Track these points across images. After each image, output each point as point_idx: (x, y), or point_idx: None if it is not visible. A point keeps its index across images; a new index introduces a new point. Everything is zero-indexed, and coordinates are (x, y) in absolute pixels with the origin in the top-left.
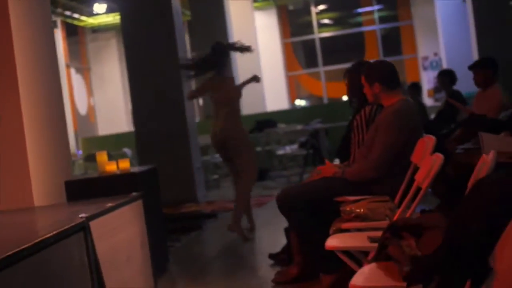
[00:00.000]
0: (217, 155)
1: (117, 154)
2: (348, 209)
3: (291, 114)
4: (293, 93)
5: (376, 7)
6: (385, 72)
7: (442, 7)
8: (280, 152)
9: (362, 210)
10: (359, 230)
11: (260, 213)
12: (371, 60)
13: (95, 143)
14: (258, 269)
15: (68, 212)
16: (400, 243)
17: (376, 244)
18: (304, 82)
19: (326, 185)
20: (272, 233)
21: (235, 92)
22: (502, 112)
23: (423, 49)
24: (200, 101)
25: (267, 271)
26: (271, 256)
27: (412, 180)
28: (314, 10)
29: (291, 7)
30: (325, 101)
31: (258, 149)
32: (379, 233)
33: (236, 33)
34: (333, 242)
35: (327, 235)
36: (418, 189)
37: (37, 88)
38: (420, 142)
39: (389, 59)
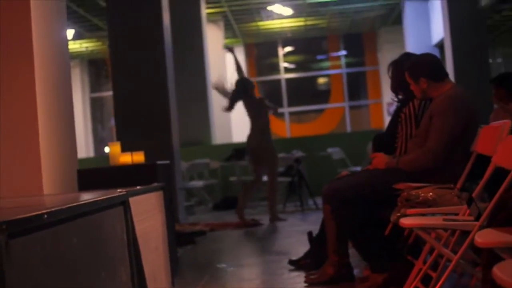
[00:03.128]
0: (192, 182)
1: None
2: (414, 193)
3: None
4: None
5: (342, 52)
6: (428, 65)
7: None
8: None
9: (431, 194)
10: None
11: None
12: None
13: None
14: (280, 274)
15: (96, 194)
16: None
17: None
18: None
19: (378, 176)
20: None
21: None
22: None
23: (388, 95)
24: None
25: (291, 276)
26: (292, 262)
27: (475, 170)
28: (281, 51)
29: (258, 47)
30: None
31: (234, 178)
32: (452, 217)
33: (211, 66)
34: (408, 221)
35: (378, 231)
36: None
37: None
38: (485, 130)
39: (353, 103)
